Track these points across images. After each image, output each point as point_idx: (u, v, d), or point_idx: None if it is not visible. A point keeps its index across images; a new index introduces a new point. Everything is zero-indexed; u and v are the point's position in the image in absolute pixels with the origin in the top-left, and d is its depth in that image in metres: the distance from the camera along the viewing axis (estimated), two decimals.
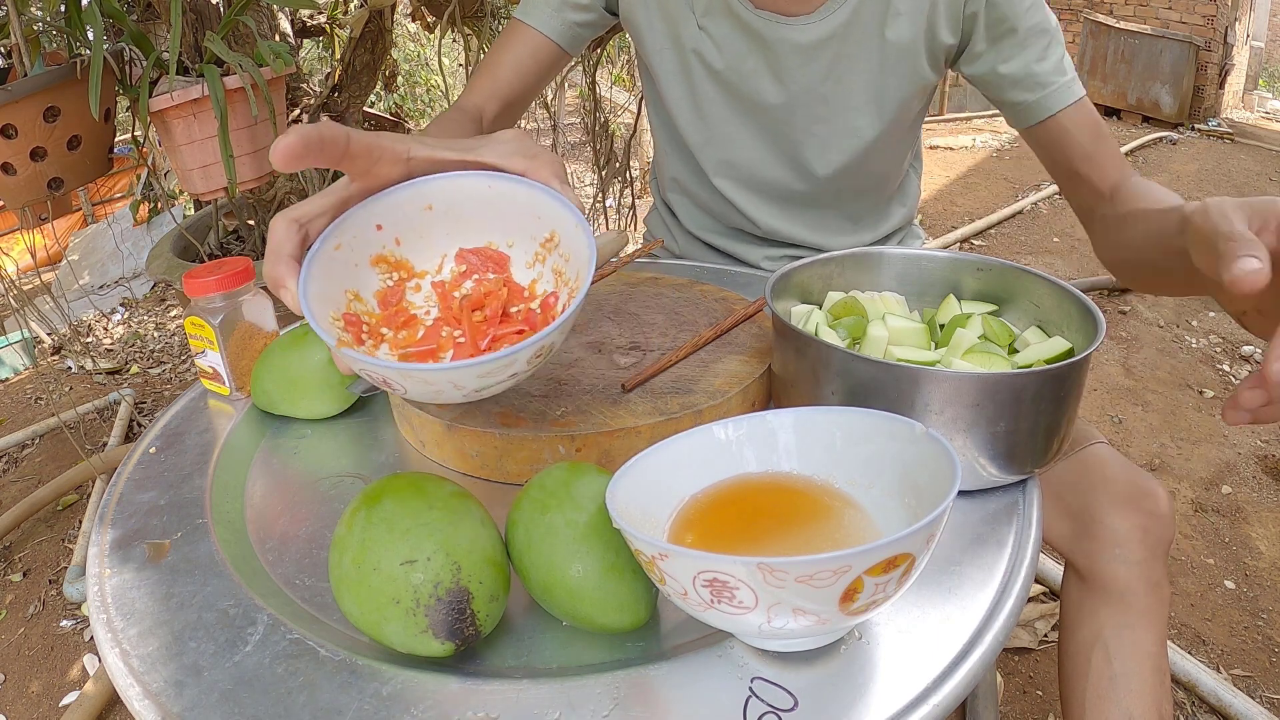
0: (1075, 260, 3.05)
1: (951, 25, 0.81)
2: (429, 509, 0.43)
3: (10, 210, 1.53)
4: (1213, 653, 1.36)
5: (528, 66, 0.90)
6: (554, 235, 0.52)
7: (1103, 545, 0.75)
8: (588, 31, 0.92)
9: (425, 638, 0.41)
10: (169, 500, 0.59)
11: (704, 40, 0.86)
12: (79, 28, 1.42)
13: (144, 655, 0.45)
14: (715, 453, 0.48)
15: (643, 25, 0.90)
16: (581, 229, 0.49)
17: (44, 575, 1.69)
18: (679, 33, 0.88)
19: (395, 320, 0.51)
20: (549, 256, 0.53)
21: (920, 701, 0.40)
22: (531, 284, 0.54)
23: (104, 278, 3.53)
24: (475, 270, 0.54)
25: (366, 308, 0.51)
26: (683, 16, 0.86)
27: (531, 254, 0.54)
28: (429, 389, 0.45)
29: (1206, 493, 1.79)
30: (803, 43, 0.82)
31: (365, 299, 0.52)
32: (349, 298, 0.51)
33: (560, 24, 0.90)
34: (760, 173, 0.93)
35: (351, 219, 0.50)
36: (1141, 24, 5.29)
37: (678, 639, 0.45)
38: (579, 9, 0.90)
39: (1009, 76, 0.80)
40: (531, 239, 0.54)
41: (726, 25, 0.85)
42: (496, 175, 0.52)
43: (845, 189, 0.94)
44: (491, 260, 0.54)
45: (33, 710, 1.39)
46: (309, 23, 2.07)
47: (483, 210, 0.53)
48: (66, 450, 2.08)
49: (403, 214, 0.52)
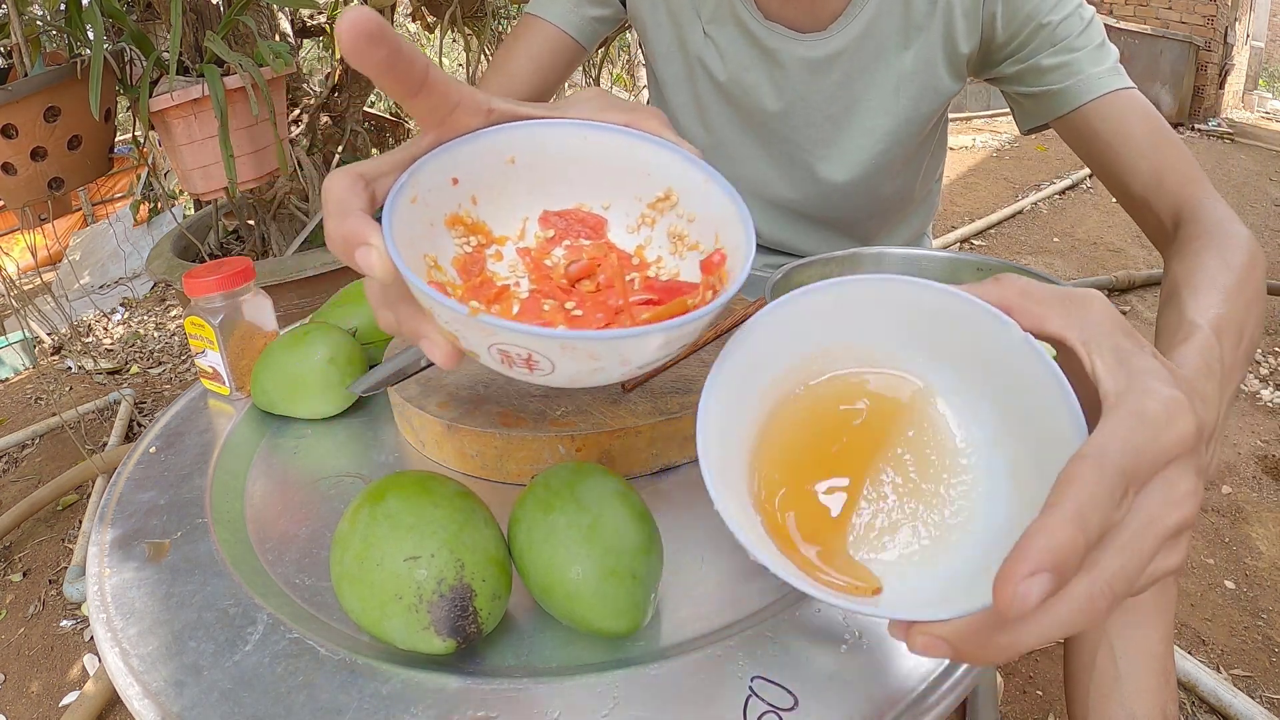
0: (1075, 260, 3.05)
1: (970, 32, 0.77)
2: (433, 506, 0.43)
3: (10, 210, 1.53)
4: (1213, 653, 1.36)
5: (545, 63, 0.87)
6: (670, 193, 0.45)
7: None
8: (604, 27, 0.90)
9: (427, 634, 0.41)
10: (169, 500, 0.59)
11: (709, 48, 0.84)
12: (79, 28, 1.42)
13: (144, 655, 0.45)
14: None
15: (649, 26, 0.88)
16: (713, 181, 0.42)
17: (44, 575, 1.69)
18: (685, 38, 0.85)
19: (483, 293, 0.41)
20: (661, 218, 0.45)
21: (920, 701, 0.40)
22: (638, 249, 0.46)
23: (104, 278, 3.53)
24: (565, 235, 0.46)
25: (447, 277, 0.41)
26: (689, 22, 0.84)
27: (636, 216, 0.46)
28: (589, 365, 0.36)
29: (1206, 492, 1.79)
30: (813, 58, 0.80)
31: (444, 267, 0.42)
32: (428, 264, 0.40)
33: (578, 19, 0.87)
34: (767, 187, 0.91)
35: (425, 168, 0.41)
36: (1141, 24, 5.29)
37: (678, 639, 0.45)
38: (597, 4, 0.87)
39: (1037, 67, 0.74)
40: (636, 199, 0.46)
41: (733, 34, 0.82)
42: (594, 125, 0.44)
43: (859, 207, 0.91)
44: (584, 223, 0.46)
45: (33, 710, 1.39)
46: (309, 23, 2.07)
47: (574, 166, 0.45)
48: (66, 450, 2.08)
49: (481, 166, 0.43)
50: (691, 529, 0.53)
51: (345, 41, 0.34)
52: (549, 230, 0.46)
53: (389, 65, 0.36)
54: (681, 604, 0.48)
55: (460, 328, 0.35)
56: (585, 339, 0.34)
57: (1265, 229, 3.38)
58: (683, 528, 0.53)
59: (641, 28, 0.89)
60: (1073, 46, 0.72)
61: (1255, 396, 2.17)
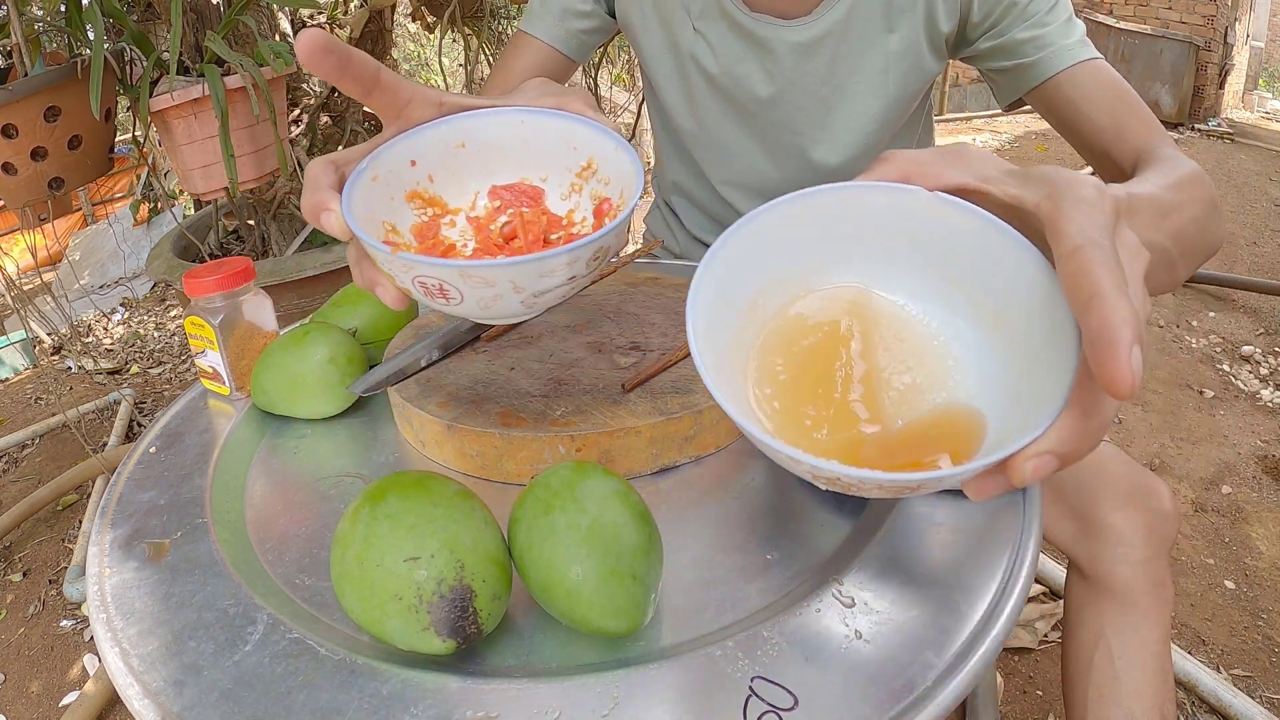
0: None
1: (949, 13, 0.80)
2: (433, 506, 0.43)
3: (10, 210, 1.53)
4: (1213, 653, 1.36)
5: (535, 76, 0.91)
6: (591, 162, 0.53)
7: (1106, 544, 0.75)
8: (593, 38, 0.93)
9: (427, 635, 0.41)
10: (169, 500, 0.59)
11: (699, 44, 0.86)
12: (79, 28, 1.42)
13: (144, 655, 0.45)
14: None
15: (639, 30, 0.90)
16: (621, 148, 0.50)
17: (44, 575, 1.69)
18: (676, 37, 0.87)
19: (433, 252, 0.51)
20: (586, 185, 0.53)
21: (920, 701, 0.40)
22: (569, 213, 0.54)
23: (104, 278, 3.53)
24: (510, 205, 0.54)
25: (404, 240, 0.51)
26: (679, 21, 0.86)
27: (567, 185, 0.54)
28: (489, 292, 0.44)
29: (1206, 493, 1.79)
30: (800, 42, 0.82)
31: (401, 232, 0.51)
32: (386, 229, 0.50)
33: (564, 32, 0.90)
34: (761, 177, 0.93)
35: (386, 153, 0.50)
36: (1141, 24, 5.29)
37: (678, 639, 0.45)
38: (582, 16, 0.90)
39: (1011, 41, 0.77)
40: (567, 170, 0.54)
41: (722, 28, 0.85)
42: (528, 110, 0.53)
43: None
44: (525, 195, 0.54)
45: (33, 710, 1.39)
46: (309, 22, 2.07)
47: (515, 146, 0.54)
48: (66, 450, 2.08)
49: (435, 151, 0.52)
50: (691, 529, 0.53)
51: (302, 55, 0.43)
52: (496, 201, 0.54)
53: (341, 69, 0.44)
54: (681, 604, 0.47)
55: (390, 266, 0.45)
56: (478, 266, 0.43)
57: (1265, 229, 3.38)
58: (683, 528, 0.53)
59: (632, 32, 0.91)
60: (1043, 21, 0.75)
61: (1255, 396, 2.17)
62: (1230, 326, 2.55)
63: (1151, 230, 0.48)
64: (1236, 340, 2.46)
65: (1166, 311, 2.62)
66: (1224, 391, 2.20)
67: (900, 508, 0.53)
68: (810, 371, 0.41)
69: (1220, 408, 2.12)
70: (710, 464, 0.60)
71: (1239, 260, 3.08)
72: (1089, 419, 0.31)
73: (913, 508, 0.53)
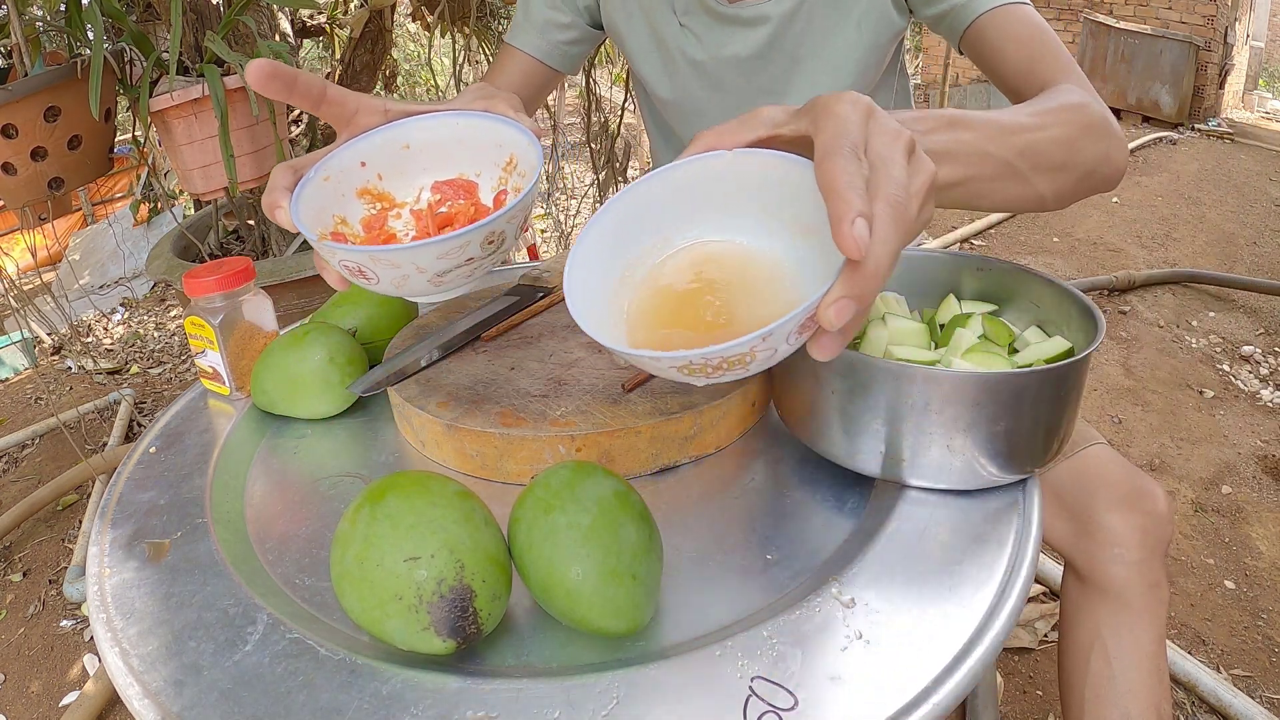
0: (1075, 260, 3.06)
1: None
2: (433, 506, 0.43)
3: (10, 210, 1.53)
4: (1213, 653, 1.36)
5: (520, 88, 0.93)
6: (512, 158, 0.60)
7: (1102, 545, 0.75)
8: (577, 48, 0.95)
9: (427, 635, 0.41)
10: (169, 500, 0.59)
11: (686, 37, 0.88)
12: (79, 28, 1.42)
13: (144, 655, 0.45)
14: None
15: (626, 34, 0.92)
16: (530, 142, 0.57)
17: (44, 575, 1.69)
18: (663, 35, 0.89)
19: (377, 240, 0.59)
20: (510, 177, 0.60)
21: (920, 701, 0.40)
22: (496, 203, 0.61)
23: (104, 278, 3.53)
24: (448, 198, 0.61)
25: (352, 230, 0.59)
26: (665, 20, 0.88)
27: (496, 179, 0.61)
28: (397, 273, 0.51)
29: (1206, 493, 1.79)
30: (780, 13, 0.84)
31: (351, 224, 0.59)
32: (336, 221, 0.58)
33: (547, 45, 0.93)
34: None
35: (338, 156, 0.57)
36: (1141, 24, 5.29)
37: (678, 639, 0.45)
38: (563, 28, 0.92)
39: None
40: (495, 165, 0.61)
41: (706, 22, 0.87)
42: (462, 113, 0.60)
43: None
44: (462, 188, 0.61)
45: (33, 710, 1.39)
46: (309, 23, 2.07)
47: (453, 146, 0.61)
48: (66, 450, 2.08)
49: (383, 153, 0.60)
50: (691, 529, 0.53)
51: (252, 81, 0.51)
52: (437, 195, 0.61)
53: (289, 90, 0.53)
54: (681, 604, 0.48)
55: (323, 252, 0.52)
56: (383, 251, 0.49)
57: (1265, 229, 3.38)
58: (683, 528, 0.53)
59: (618, 35, 0.93)
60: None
61: (1255, 396, 2.17)
62: (1230, 326, 2.55)
63: (987, 143, 0.54)
64: (1236, 340, 2.46)
65: (1167, 312, 2.62)
66: (1224, 391, 2.20)
67: (900, 508, 0.53)
68: (669, 304, 0.50)
69: (1220, 408, 2.12)
70: (710, 464, 0.60)
71: (1239, 260, 3.08)
72: (864, 268, 0.38)
73: (913, 509, 0.53)
